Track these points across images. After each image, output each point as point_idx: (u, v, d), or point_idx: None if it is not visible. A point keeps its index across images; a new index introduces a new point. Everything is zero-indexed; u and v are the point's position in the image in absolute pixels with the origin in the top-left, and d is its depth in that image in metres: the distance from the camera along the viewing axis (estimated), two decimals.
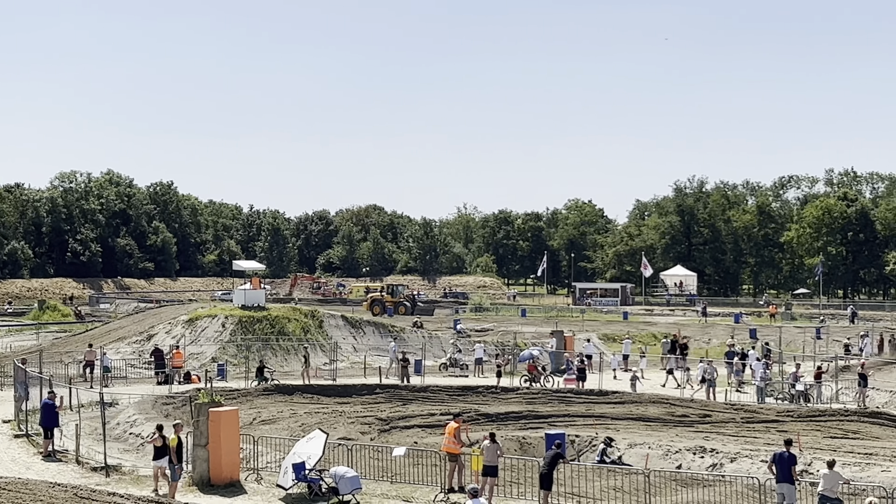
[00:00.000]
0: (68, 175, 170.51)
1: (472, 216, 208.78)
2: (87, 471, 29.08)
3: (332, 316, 71.68)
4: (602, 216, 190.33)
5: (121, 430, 35.33)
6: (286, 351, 61.94)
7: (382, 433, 39.68)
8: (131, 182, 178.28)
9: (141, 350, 61.02)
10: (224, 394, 38.32)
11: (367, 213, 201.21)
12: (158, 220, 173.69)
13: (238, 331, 62.98)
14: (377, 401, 46.96)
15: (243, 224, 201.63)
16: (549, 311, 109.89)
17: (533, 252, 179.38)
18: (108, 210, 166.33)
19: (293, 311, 69.14)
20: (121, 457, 31.05)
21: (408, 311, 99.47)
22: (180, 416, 38.77)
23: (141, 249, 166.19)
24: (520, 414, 43.61)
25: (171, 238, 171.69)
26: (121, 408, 39.07)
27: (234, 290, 79.76)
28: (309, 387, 48.91)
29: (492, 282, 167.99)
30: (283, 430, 37.72)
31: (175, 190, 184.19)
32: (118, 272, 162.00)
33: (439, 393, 48.58)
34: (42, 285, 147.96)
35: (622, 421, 42.04)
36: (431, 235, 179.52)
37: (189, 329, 63.66)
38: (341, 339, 66.30)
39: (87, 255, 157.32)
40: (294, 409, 43.57)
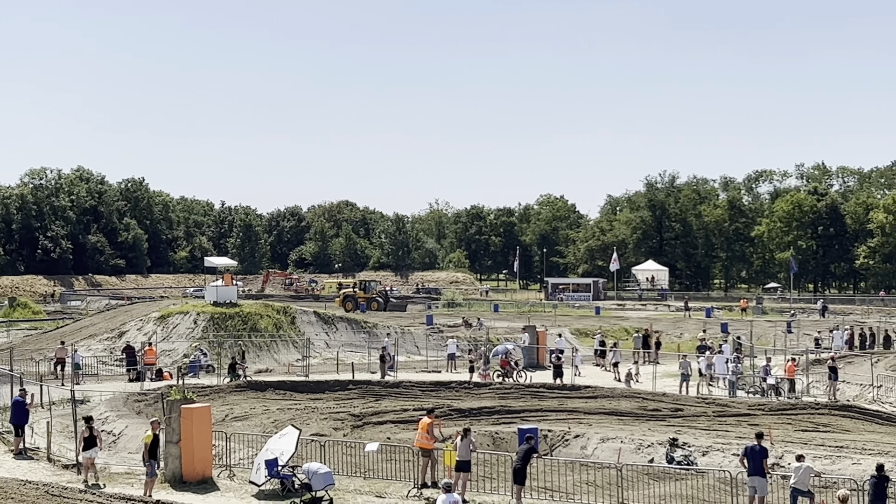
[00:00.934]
0: (38, 172, 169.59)
1: (444, 212, 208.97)
2: (59, 468, 28.97)
3: (304, 312, 71.57)
4: (574, 211, 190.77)
5: None
6: (259, 347, 61.80)
7: (355, 429, 39.68)
8: (102, 179, 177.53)
9: (112, 347, 60.76)
10: (196, 390, 38.25)
11: (339, 209, 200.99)
12: (130, 216, 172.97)
13: (210, 327, 62.80)
14: (350, 397, 46.94)
15: (215, 220, 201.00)
16: (522, 306, 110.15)
17: (505, 247, 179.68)
18: (78, 207, 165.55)
19: (265, 308, 69.01)
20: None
21: (380, 306, 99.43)
22: (153, 412, 38.70)
23: (112, 246, 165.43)
24: (493, 409, 43.68)
25: (143, 235, 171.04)
26: (92, 405, 38.89)
27: (206, 287, 79.59)
28: (282, 383, 48.84)
29: (464, 277, 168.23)
30: (256, 426, 37.66)
31: (146, 186, 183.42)
32: (89, 269, 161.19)
33: (412, 388, 48.58)
34: (13, 283, 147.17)
35: (595, 415, 42.17)
36: (404, 231, 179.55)
37: (161, 326, 63.45)
38: (314, 335, 66.23)
39: (57, 251, 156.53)
40: (267, 406, 43.52)
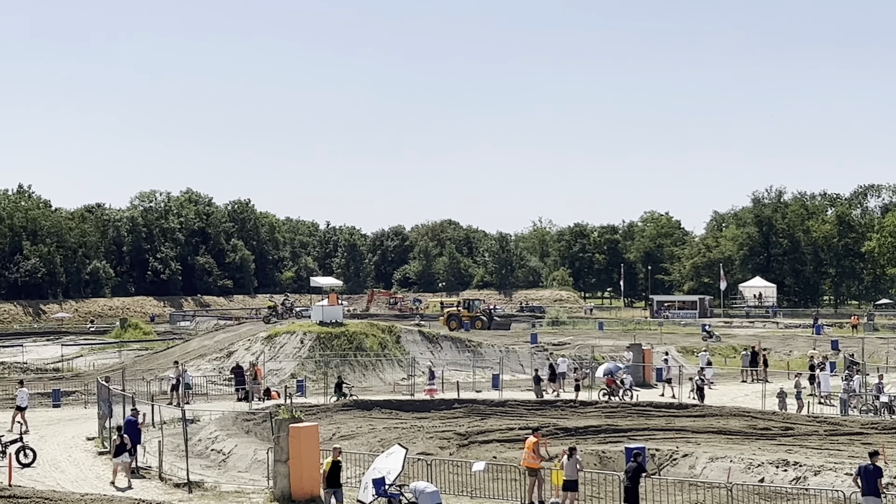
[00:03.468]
0: (148, 194, 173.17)
1: (547, 230, 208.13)
2: (170, 487, 29.36)
3: (409, 331, 71.79)
4: (679, 228, 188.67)
5: (203, 446, 35.64)
6: (364, 366, 62.15)
7: (461, 448, 39.68)
8: (210, 200, 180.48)
9: (221, 367, 61.57)
10: (303, 410, 38.57)
11: (442, 228, 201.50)
12: (237, 237, 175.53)
13: (317, 347, 63.31)
14: (455, 415, 46.94)
15: (320, 241, 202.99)
16: (627, 324, 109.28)
17: (609, 265, 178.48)
18: (187, 228, 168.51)
19: (370, 327, 69.35)
20: (203, 473, 31.28)
21: (484, 325, 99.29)
22: (261, 431, 39.10)
23: (220, 267, 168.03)
24: (599, 428, 43.37)
25: (250, 255, 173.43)
26: (202, 424, 39.40)
27: (312, 307, 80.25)
28: (388, 402, 49.02)
29: (568, 295, 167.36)
30: (363, 445, 37.85)
31: (253, 208, 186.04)
32: (198, 290, 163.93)
33: (517, 407, 48.44)
34: (123, 304, 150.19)
35: (703, 434, 41.64)
36: (507, 249, 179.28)
37: (268, 346, 64.14)
38: (419, 354, 66.36)
39: (167, 273, 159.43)
40: (373, 425, 43.71)
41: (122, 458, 30.11)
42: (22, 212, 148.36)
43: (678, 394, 51.41)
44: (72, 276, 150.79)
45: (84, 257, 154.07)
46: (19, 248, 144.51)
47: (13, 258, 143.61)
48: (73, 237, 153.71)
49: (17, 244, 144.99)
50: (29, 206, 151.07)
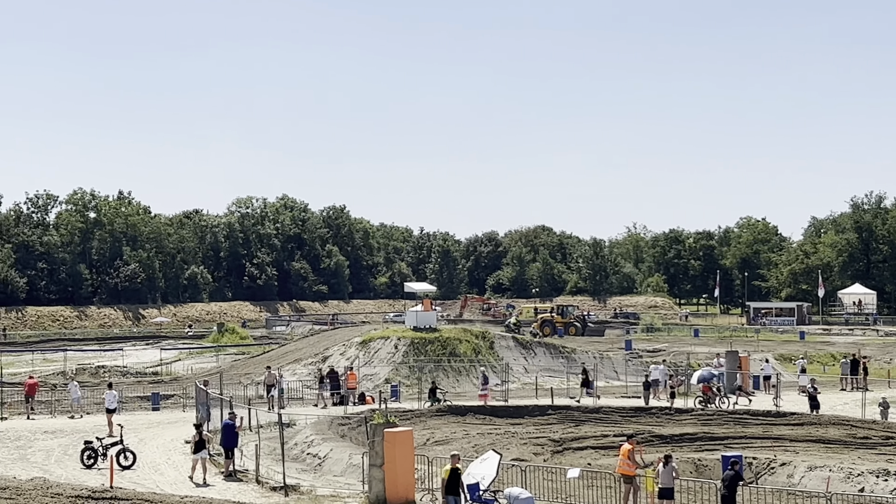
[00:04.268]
0: (245, 201, 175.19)
1: (642, 235, 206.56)
2: (267, 490, 29.66)
3: (503, 337, 71.77)
4: (776, 234, 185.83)
5: (298, 450, 35.97)
6: (458, 372, 62.27)
7: (555, 454, 39.57)
8: (305, 206, 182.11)
9: (316, 371, 62.08)
10: (398, 414, 38.72)
11: (536, 234, 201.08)
12: (332, 243, 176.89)
13: (410, 352, 63.58)
14: (549, 422, 46.83)
15: (414, 246, 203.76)
16: (723, 331, 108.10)
17: (705, 271, 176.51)
18: (283, 234, 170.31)
19: (464, 333, 69.44)
20: (299, 476, 31.58)
21: (578, 331, 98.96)
22: (356, 436, 39.33)
23: (315, 272, 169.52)
24: (695, 435, 42.98)
25: (344, 261, 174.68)
26: (298, 428, 39.76)
27: (405, 312, 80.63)
28: (481, 408, 49.05)
29: (663, 301, 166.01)
30: (457, 450, 37.89)
31: (347, 213, 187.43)
32: (293, 295, 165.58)
33: (612, 414, 48.20)
34: (221, 308, 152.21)
35: (801, 443, 41.06)
36: (601, 255, 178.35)
37: (363, 351, 64.56)
38: (512, 360, 66.35)
39: (263, 278, 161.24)
40: (467, 430, 43.76)
41: (201, 454, 31.42)
42: (122, 218, 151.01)
43: (777, 402, 50.73)
44: (170, 281, 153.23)
45: (182, 262, 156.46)
46: (119, 253, 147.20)
47: (114, 263, 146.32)
48: (172, 243, 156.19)
49: (118, 250, 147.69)
50: (129, 212, 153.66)
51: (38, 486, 23.44)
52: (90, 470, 32.47)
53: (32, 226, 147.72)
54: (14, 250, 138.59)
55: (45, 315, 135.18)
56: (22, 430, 42.53)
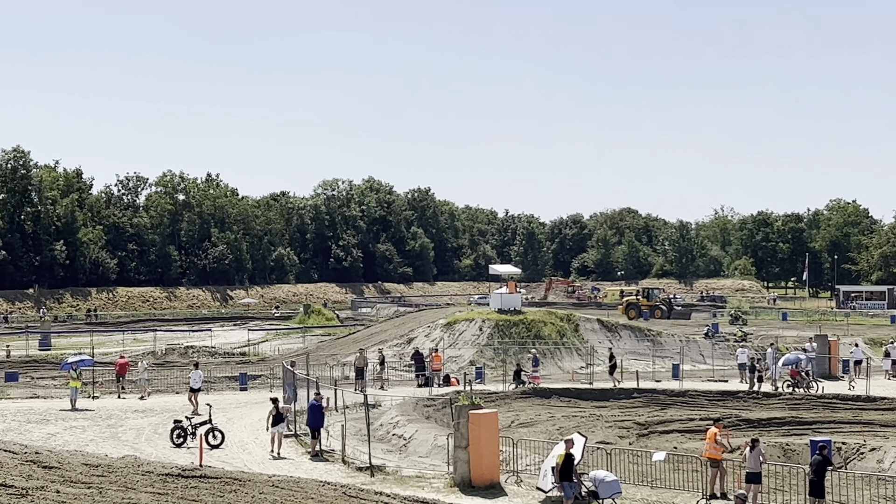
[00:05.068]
0: (331, 183, 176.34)
1: (729, 218, 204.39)
2: (353, 470, 29.86)
3: (587, 319, 71.45)
4: (867, 216, 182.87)
5: (384, 431, 36.17)
6: (542, 354, 62.13)
7: (641, 437, 39.38)
8: (391, 189, 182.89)
9: (401, 353, 62.33)
10: (482, 396, 38.78)
11: (621, 217, 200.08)
12: (417, 225, 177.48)
13: (495, 334, 63.55)
14: (635, 405, 46.63)
15: (499, 229, 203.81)
16: (812, 314, 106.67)
17: (793, 254, 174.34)
18: (368, 217, 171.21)
19: (549, 315, 69.24)
20: (384, 457, 31.77)
21: (664, 314, 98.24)
22: (441, 417, 39.47)
23: (400, 255, 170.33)
24: (783, 420, 42.50)
25: (429, 243, 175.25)
26: (383, 409, 39.97)
27: (490, 294, 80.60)
28: (566, 390, 48.92)
29: (751, 285, 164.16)
30: (541, 433, 37.88)
31: (432, 196, 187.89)
32: (378, 277, 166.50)
33: (698, 398, 47.84)
34: (307, 290, 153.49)
35: (891, 428, 40.43)
36: (688, 238, 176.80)
37: (447, 332, 64.65)
38: (597, 342, 66.01)
39: (348, 260, 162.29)
40: (552, 413, 43.69)
41: (278, 428, 33.03)
42: (210, 200, 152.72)
43: (866, 387, 49.91)
44: (258, 262, 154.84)
45: (269, 244, 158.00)
46: (208, 235, 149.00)
47: (202, 245, 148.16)
48: (259, 224, 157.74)
49: (206, 231, 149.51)
50: (217, 194, 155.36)
51: (128, 464, 23.81)
52: (179, 448, 32.98)
53: (123, 208, 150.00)
54: (105, 232, 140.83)
55: (135, 296, 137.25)
56: (113, 408, 43.32)
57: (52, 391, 50.37)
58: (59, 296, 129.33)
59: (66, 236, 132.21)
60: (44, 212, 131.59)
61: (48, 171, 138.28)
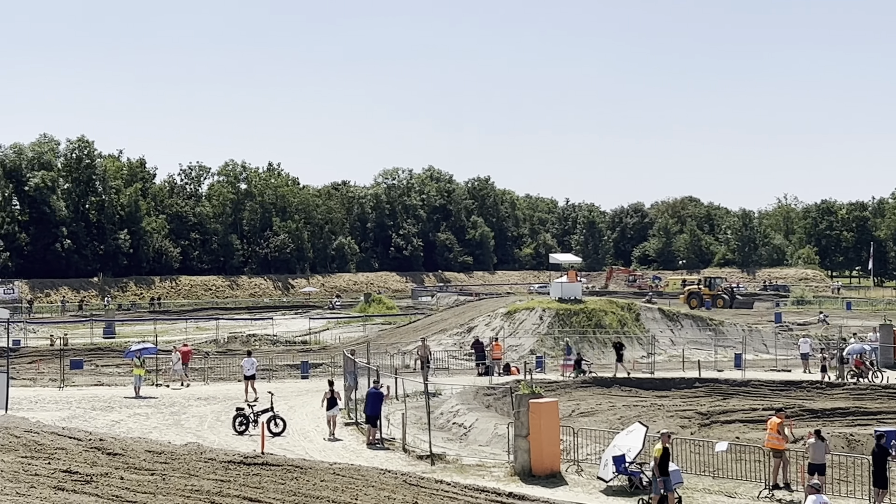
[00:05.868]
0: (391, 172, 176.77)
1: (792, 206, 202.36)
2: (414, 458, 29.94)
3: (649, 309, 71.09)
4: None
5: (444, 419, 36.22)
6: (603, 343, 61.94)
7: (703, 427, 39.16)
8: (451, 178, 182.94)
9: (462, 342, 62.38)
10: (543, 385, 38.72)
11: (683, 205, 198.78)
12: (477, 214, 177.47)
13: (555, 323, 63.43)
14: (696, 394, 46.37)
15: (559, 218, 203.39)
16: (877, 304, 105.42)
17: (857, 243, 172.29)
18: (428, 205, 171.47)
19: (610, 304, 68.99)
20: (444, 445, 31.81)
21: (726, 303, 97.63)
22: (501, 406, 39.45)
23: (460, 244, 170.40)
24: (847, 410, 42.06)
25: (489, 232, 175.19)
26: (443, 398, 40.03)
27: (550, 283, 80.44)
28: (627, 380, 48.73)
29: (814, 274, 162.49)
30: (602, 422, 37.77)
31: (492, 185, 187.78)
32: (438, 266, 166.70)
33: (761, 388, 47.47)
34: (367, 279, 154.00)
35: None
36: (750, 227, 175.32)
37: (507, 321, 64.60)
38: (658, 332, 65.65)
39: (409, 249, 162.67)
40: (612, 402, 43.56)
41: (333, 411, 34.04)
42: (272, 189, 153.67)
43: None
44: (318, 251, 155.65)
45: (330, 233, 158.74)
46: (269, 224, 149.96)
47: (263, 234, 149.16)
48: (320, 213, 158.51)
49: (268, 220, 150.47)
50: (278, 183, 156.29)
51: (192, 451, 24.06)
52: (242, 436, 33.22)
53: (186, 197, 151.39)
54: (168, 221, 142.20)
55: (197, 284, 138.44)
56: (176, 396, 43.75)
57: (116, 379, 50.96)
58: (122, 284, 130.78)
59: (129, 225, 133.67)
60: (108, 201, 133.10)
61: (112, 160, 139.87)
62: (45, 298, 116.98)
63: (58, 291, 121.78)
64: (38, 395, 43.25)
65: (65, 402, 41.01)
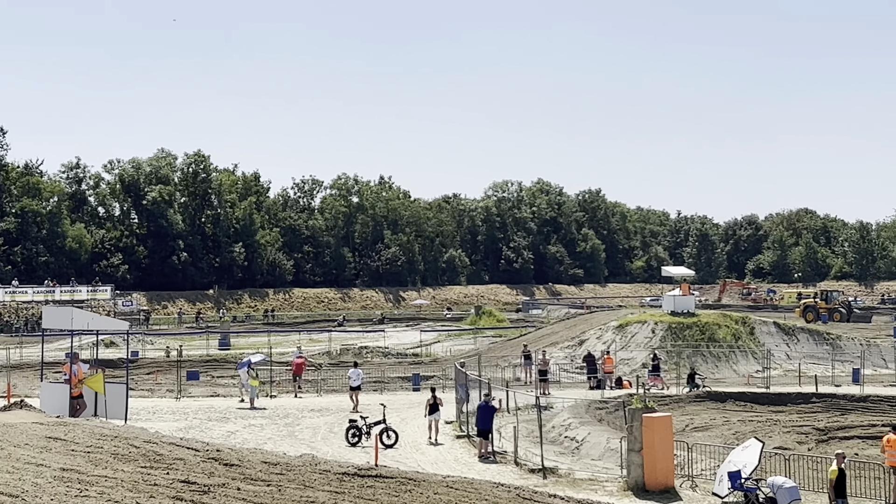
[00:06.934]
0: (501, 185, 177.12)
1: None
2: (525, 472, 29.87)
3: (763, 322, 70.07)
4: None
5: (556, 433, 36.08)
6: (717, 357, 61.21)
7: (820, 443, 38.47)
8: (561, 190, 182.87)
9: (573, 355, 62.14)
10: (656, 399, 38.36)
11: (798, 217, 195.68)
12: (587, 227, 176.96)
13: (668, 337, 62.89)
14: (813, 410, 45.56)
15: (671, 230, 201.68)
16: None
17: None
18: (539, 218, 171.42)
19: (723, 318, 68.17)
20: (557, 459, 31.68)
21: (843, 317, 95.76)
22: (613, 420, 39.17)
23: (570, 256, 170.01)
24: None
25: (600, 245, 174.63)
26: (555, 411, 39.87)
27: (662, 296, 79.79)
28: (742, 394, 48.08)
29: None
30: (717, 437, 37.34)
31: (603, 197, 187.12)
32: (549, 278, 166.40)
33: (880, 403, 46.45)
34: (478, 291, 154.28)
35: None
36: (868, 239, 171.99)
37: (619, 335, 64.21)
38: (773, 346, 64.68)
39: (519, 262, 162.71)
40: (727, 417, 43.03)
41: (434, 416, 35.23)
42: (383, 202, 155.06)
43: None
44: (429, 264, 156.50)
45: (441, 246, 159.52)
46: (381, 237, 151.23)
47: (375, 246, 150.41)
48: (431, 226, 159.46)
49: (379, 233, 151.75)
50: (390, 196, 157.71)
51: (306, 463, 24.23)
52: (354, 448, 33.43)
53: (299, 210, 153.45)
54: (282, 234, 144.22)
55: (310, 296, 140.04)
56: (290, 407, 44.21)
57: (232, 390, 51.68)
58: (237, 296, 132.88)
59: (244, 238, 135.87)
60: (223, 215, 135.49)
61: (227, 174, 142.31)
62: (162, 310, 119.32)
63: (174, 303, 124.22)
64: (155, 405, 44.05)
65: (181, 412, 41.70)
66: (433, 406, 35.33)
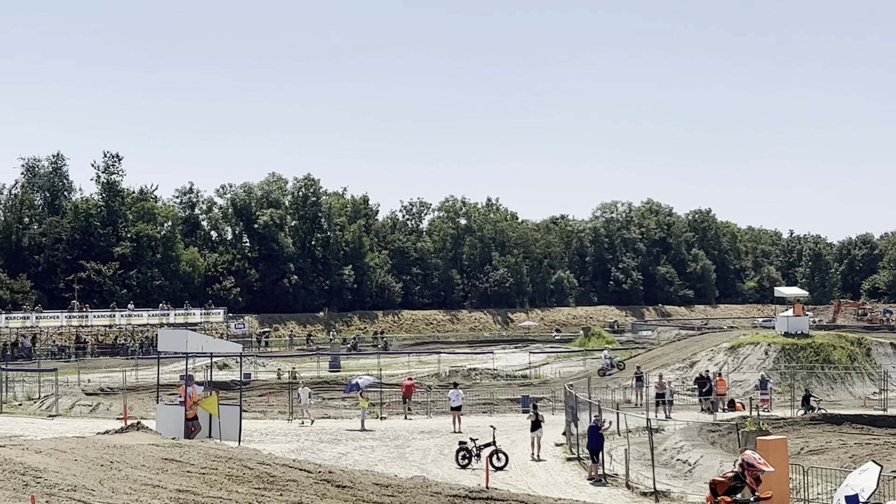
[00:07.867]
0: (610, 205, 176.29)
1: None
2: (637, 495, 29.62)
3: (879, 343, 68.70)
4: None
5: (668, 455, 35.72)
6: (832, 379, 60.14)
7: None
8: (670, 211, 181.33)
9: (684, 377, 61.53)
10: (770, 422, 37.80)
11: None
12: (697, 247, 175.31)
13: (781, 358, 62.00)
14: None
15: (783, 250, 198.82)
16: None
17: None
18: (648, 238, 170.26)
19: (839, 339, 66.98)
20: (669, 482, 31.34)
21: None
22: (726, 443, 38.67)
23: (680, 277, 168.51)
24: None
25: (711, 265, 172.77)
26: (667, 434, 39.51)
27: (775, 317, 78.74)
28: (858, 417, 47.16)
29: None
30: (833, 460, 36.64)
31: (713, 217, 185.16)
32: (658, 299, 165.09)
33: None
34: (586, 312, 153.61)
35: None
36: None
37: (731, 356, 63.45)
38: (891, 367, 63.36)
39: (628, 283, 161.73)
40: (843, 440, 42.23)
41: (537, 432, 36.24)
42: (491, 224, 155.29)
43: None
44: (537, 285, 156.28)
45: (549, 267, 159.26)
46: (489, 258, 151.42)
47: (483, 268, 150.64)
48: (539, 248, 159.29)
49: (487, 255, 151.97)
50: (497, 218, 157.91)
51: (417, 485, 24.34)
52: (465, 470, 33.46)
53: (407, 232, 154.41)
54: (391, 256, 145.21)
55: (419, 318, 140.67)
56: (400, 429, 44.43)
57: (343, 412, 52.09)
58: (347, 318, 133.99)
59: (353, 261, 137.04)
60: (333, 237, 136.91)
61: (337, 197, 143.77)
62: (274, 333, 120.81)
63: (285, 326, 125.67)
64: (268, 427, 44.59)
65: (293, 434, 42.17)
66: (535, 423, 36.34)
